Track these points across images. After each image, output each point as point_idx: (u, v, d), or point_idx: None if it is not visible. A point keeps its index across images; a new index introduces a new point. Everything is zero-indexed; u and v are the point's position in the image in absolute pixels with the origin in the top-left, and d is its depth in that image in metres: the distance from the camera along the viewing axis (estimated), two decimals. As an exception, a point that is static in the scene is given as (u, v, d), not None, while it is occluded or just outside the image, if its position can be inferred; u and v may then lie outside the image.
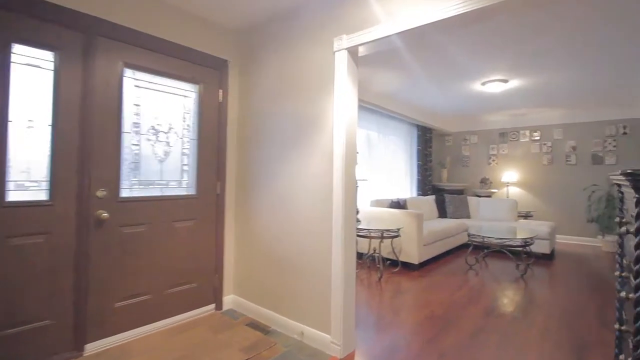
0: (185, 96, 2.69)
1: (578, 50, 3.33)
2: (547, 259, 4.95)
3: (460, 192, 7.20)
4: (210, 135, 2.85)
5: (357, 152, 4.84)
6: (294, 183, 2.55)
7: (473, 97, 5.17)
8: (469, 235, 4.40)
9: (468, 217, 6.15)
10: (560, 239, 6.34)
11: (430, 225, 4.97)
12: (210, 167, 2.85)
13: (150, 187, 2.49)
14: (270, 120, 2.73)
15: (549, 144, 6.52)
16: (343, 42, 2.21)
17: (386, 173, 5.85)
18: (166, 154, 2.57)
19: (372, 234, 3.87)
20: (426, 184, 6.85)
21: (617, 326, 1.18)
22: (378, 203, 4.83)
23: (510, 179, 6.76)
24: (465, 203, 6.21)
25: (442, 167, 7.52)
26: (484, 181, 7.09)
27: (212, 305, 2.89)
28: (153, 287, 2.51)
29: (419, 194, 6.61)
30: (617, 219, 1.16)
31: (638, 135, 5.70)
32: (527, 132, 6.78)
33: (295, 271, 2.52)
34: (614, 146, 5.89)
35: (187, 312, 2.72)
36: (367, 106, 5.14)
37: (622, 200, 1.14)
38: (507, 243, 4.09)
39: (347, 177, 2.29)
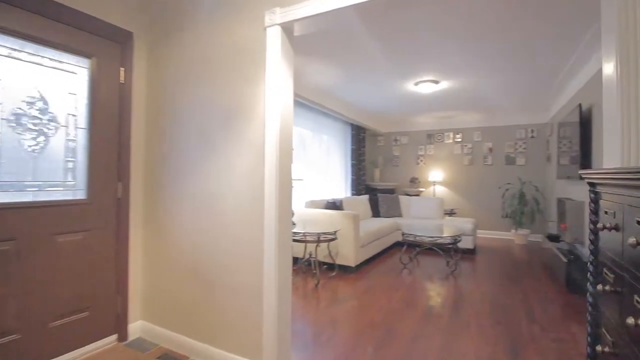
0: (71, 72, 2.09)
1: (500, 58, 3.49)
2: (470, 253, 5.22)
3: (391, 191, 7.35)
4: (109, 124, 2.27)
5: (292, 149, 4.54)
6: (219, 183, 2.14)
7: (406, 97, 5.23)
8: (403, 234, 4.40)
9: (400, 215, 6.26)
10: (480, 233, 6.83)
11: (365, 225, 4.88)
12: (108, 164, 2.27)
13: (16, 190, 1.85)
14: (189, 108, 2.27)
15: (470, 145, 6.99)
16: (276, 16, 1.87)
17: (321, 173, 5.65)
18: (41, 146, 1.95)
19: (308, 238, 3.60)
20: (360, 183, 6.84)
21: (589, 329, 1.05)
22: (313, 204, 4.58)
23: (437, 178, 7.10)
24: (397, 202, 6.32)
25: (375, 166, 7.61)
26: (413, 180, 7.34)
27: (115, 336, 2.33)
28: (25, 322, 1.88)
29: (353, 194, 6.56)
30: (592, 221, 1.03)
31: (543, 138, 6.38)
32: (451, 134, 7.19)
33: (220, 288, 2.10)
34: (524, 148, 6.52)
35: (79, 348, 2.13)
36: (302, 101, 4.86)
37: (596, 201, 1.00)
38: (439, 241, 4.15)
39: (281, 176, 1.96)
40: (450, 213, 6.70)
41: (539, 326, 2.68)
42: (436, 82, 4.40)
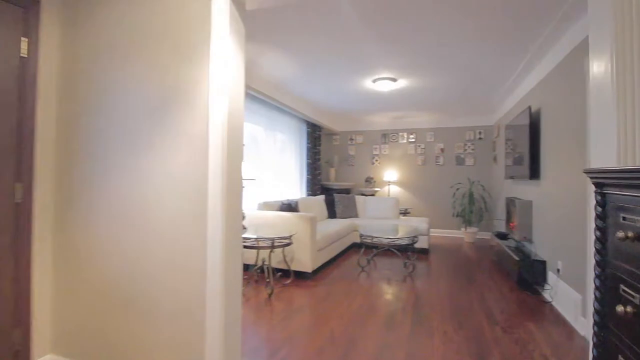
0: (-57, 37, 1.58)
1: (456, 58, 3.47)
2: (425, 253, 5.25)
3: (347, 191, 7.24)
4: (3, 109, 1.78)
5: (243, 144, 4.18)
6: (151, 186, 1.76)
7: (364, 95, 5.10)
8: (361, 236, 4.25)
9: (356, 216, 6.15)
10: (432, 232, 6.97)
11: (322, 227, 4.66)
12: (1, 159, 1.77)
13: None
14: (114, 91, 1.85)
15: (423, 146, 7.11)
16: (223, -18, 1.55)
17: (275, 172, 5.33)
18: None
19: (261, 244, 3.28)
20: (315, 183, 6.62)
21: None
22: (267, 206, 4.26)
23: (391, 178, 7.12)
24: (353, 202, 6.21)
25: (330, 166, 7.45)
26: (369, 180, 7.30)
27: (12, 378, 1.83)
28: None
29: (309, 194, 6.32)
30: (599, 228, 0.87)
31: (489, 139, 6.67)
32: (405, 134, 7.26)
33: (152, 313, 1.73)
34: (472, 149, 6.76)
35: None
36: (254, 94, 4.50)
37: (603, 204, 0.85)
38: (397, 242, 4.06)
39: (229, 176, 1.65)
40: (405, 212, 6.74)
41: (500, 328, 2.65)
42: (394, 80, 4.31)
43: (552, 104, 3.33)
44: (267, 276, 3.37)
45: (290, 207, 4.33)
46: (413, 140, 7.19)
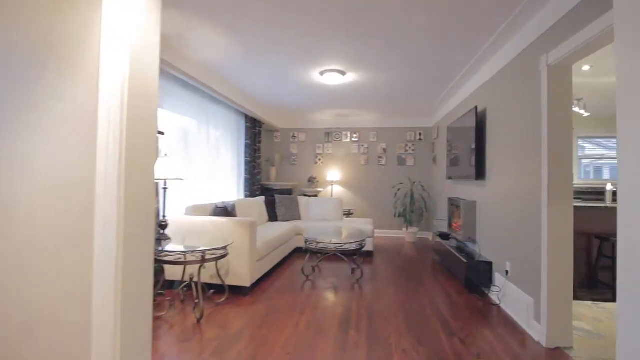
0: None
1: (403, 57, 3.28)
2: (370, 256, 5.06)
3: (289, 191, 6.81)
4: None
5: (161, 133, 3.48)
6: (9, 185, 1.15)
7: (310, 88, 4.72)
8: (306, 241, 3.86)
9: (299, 218, 5.76)
10: (375, 233, 6.88)
11: (263, 233, 4.17)
12: None
13: None
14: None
15: (366, 145, 6.99)
16: None
17: (209, 171, 4.69)
18: None
19: (190, 258, 2.70)
20: (255, 183, 6.08)
21: None
22: (197, 210, 3.64)
23: (334, 178, 6.88)
24: (296, 204, 5.81)
25: (271, 165, 6.96)
26: (311, 180, 6.96)
27: None
28: None
29: (247, 195, 5.76)
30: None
31: (429, 141, 6.78)
32: (349, 134, 7.07)
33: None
34: (413, 150, 6.82)
35: None
36: (185, 79, 3.85)
37: None
38: (344, 248, 3.76)
39: (132, 167, 1.12)
40: (348, 214, 6.54)
41: (458, 339, 2.46)
42: (343, 73, 4.01)
43: (500, 103, 3.31)
44: (196, 296, 2.80)
45: (226, 211, 3.76)
46: (356, 139, 7.04)
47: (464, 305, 3.14)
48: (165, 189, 3.01)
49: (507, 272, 3.05)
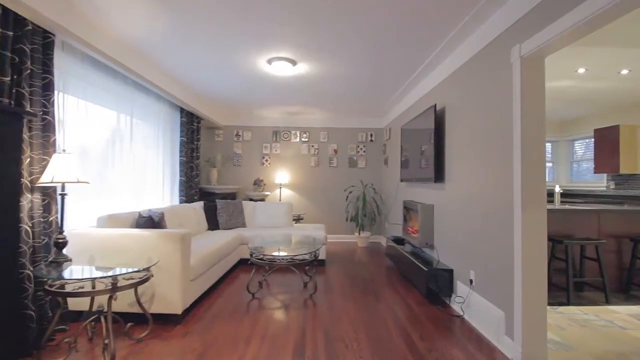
0: None
1: (362, 49, 2.97)
2: (322, 264, 4.68)
3: (232, 195, 6.18)
4: None
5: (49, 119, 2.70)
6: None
7: (256, 78, 4.20)
8: (251, 254, 3.34)
9: (243, 225, 5.18)
10: (327, 238, 6.52)
11: (200, 245, 3.56)
12: None
13: None
14: None
15: (316, 146, 6.62)
16: None
17: (134, 174, 3.92)
18: None
19: (98, 287, 2.04)
20: (192, 187, 5.36)
21: None
22: (114, 221, 2.92)
23: (283, 180, 6.40)
24: (240, 209, 5.22)
25: (212, 166, 6.25)
26: (258, 183, 6.40)
27: None
28: None
29: (182, 201, 5.03)
30: None
31: (380, 142, 6.62)
32: (298, 133, 6.64)
33: None
34: (364, 151, 6.61)
35: None
36: (101, 60, 3.11)
37: None
38: (296, 258, 3.31)
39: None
40: (298, 219, 6.11)
41: (422, 356, 2.15)
42: (293, 62, 3.57)
43: (461, 101, 3.12)
44: (105, 334, 2.14)
45: (151, 221, 3.08)
46: (306, 139, 6.64)
47: (427, 319, 2.87)
48: (62, 195, 2.30)
49: (471, 281, 2.85)
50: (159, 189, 4.51)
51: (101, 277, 2.00)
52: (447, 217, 3.38)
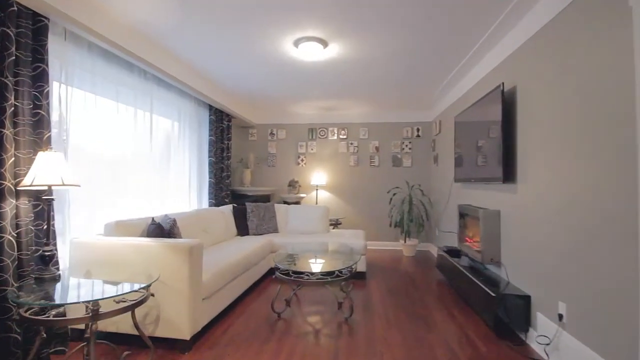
0: None
1: (402, 25, 2.35)
2: (362, 278, 4.09)
3: (266, 198, 5.81)
4: None
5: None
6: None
7: (282, 65, 3.74)
8: (276, 269, 2.86)
9: (276, 231, 4.75)
10: (368, 245, 5.92)
11: (223, 255, 3.16)
12: None
13: None
14: None
15: (355, 143, 6.04)
16: None
17: (156, 175, 3.65)
18: None
19: (74, 312, 1.68)
20: (223, 189, 5.05)
21: None
22: (123, 228, 2.60)
23: (319, 181, 5.89)
24: (272, 213, 4.80)
25: (245, 167, 5.93)
26: (292, 184, 5.96)
27: None
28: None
29: (211, 204, 4.73)
30: None
31: (428, 137, 5.86)
32: (335, 130, 6.11)
33: None
34: (410, 148, 5.89)
35: None
36: (107, 47, 2.83)
37: None
38: (328, 279, 2.76)
39: None
40: (336, 224, 5.56)
41: None
42: (324, 43, 3.04)
43: (543, 74, 2.38)
44: (90, 368, 1.76)
45: (160, 229, 2.70)
46: (344, 136, 6.07)
47: (497, 362, 2.18)
48: (48, 200, 1.98)
49: (560, 316, 2.11)
50: (185, 191, 4.22)
51: (75, 303, 1.62)
52: (520, 226, 2.64)
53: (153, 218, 2.85)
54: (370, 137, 6.01)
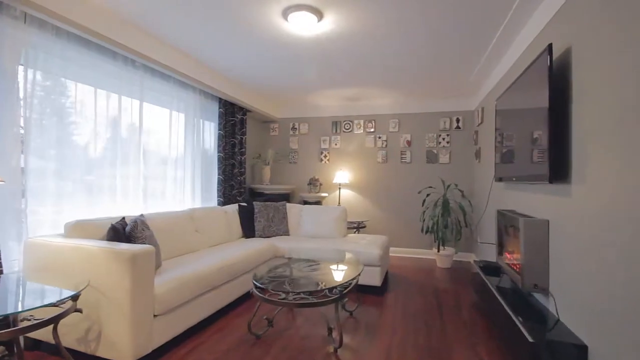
0: None
1: None
2: (378, 293, 3.47)
3: (285, 197, 5.41)
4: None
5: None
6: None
7: (276, 44, 3.28)
8: (254, 285, 2.40)
9: (286, 233, 4.32)
10: (395, 252, 5.24)
11: (201, 262, 2.78)
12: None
13: None
14: None
15: (384, 137, 5.37)
16: None
17: (146, 171, 3.42)
18: None
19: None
20: (234, 186, 4.74)
21: None
22: (82, 229, 2.32)
23: (343, 179, 5.33)
24: (283, 214, 4.37)
25: (264, 163, 5.59)
26: (313, 182, 5.48)
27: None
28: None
29: (220, 202, 4.44)
30: None
31: (470, 129, 5.00)
32: (362, 122, 5.50)
33: None
34: (448, 142, 5.07)
35: None
36: (95, 40, 2.59)
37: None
38: (312, 299, 2.23)
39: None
40: (359, 227, 4.97)
41: None
42: (318, 12, 2.51)
43: (606, 32, 1.61)
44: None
45: (114, 231, 2.35)
46: (372, 130, 5.44)
47: None
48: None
49: (634, 389, 1.36)
50: (187, 188, 3.96)
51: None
52: (577, 243, 1.87)
53: (124, 217, 2.56)
54: (401, 130, 5.30)
